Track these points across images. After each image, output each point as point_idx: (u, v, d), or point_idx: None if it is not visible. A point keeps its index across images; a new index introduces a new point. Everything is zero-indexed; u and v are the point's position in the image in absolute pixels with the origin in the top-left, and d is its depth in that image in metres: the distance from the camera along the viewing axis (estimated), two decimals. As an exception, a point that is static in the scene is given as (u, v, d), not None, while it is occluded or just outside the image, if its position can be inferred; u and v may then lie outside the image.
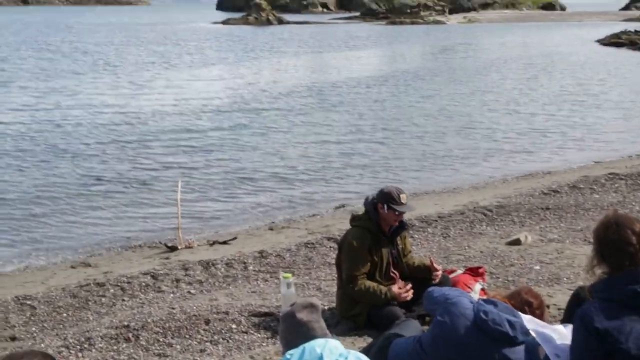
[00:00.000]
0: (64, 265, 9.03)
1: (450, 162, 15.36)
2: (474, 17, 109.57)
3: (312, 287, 7.01)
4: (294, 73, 34.64)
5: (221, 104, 23.58)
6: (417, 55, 47.96)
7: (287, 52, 47.45)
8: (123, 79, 30.17)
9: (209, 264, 8.00)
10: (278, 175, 13.98)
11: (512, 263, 7.39)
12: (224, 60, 40.65)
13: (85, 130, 18.33)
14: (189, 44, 55.69)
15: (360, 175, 14.07)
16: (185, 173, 13.83)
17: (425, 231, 9.25)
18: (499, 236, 8.76)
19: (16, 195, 12.27)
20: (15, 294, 7.32)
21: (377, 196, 5.59)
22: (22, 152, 15.75)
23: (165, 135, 17.85)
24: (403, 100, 24.77)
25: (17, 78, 29.66)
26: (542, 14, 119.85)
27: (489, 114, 21.66)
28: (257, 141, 17.31)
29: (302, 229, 10.16)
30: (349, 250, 5.53)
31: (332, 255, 8.08)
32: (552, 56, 43.41)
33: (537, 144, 17.37)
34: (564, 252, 7.69)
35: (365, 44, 58.69)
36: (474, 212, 10.08)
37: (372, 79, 31.50)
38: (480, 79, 31.70)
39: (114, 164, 14.80)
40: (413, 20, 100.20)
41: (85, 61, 38.53)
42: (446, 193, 12.66)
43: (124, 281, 7.52)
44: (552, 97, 25.60)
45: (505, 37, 63.39)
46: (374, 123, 20.06)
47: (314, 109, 22.67)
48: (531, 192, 11.44)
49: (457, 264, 7.32)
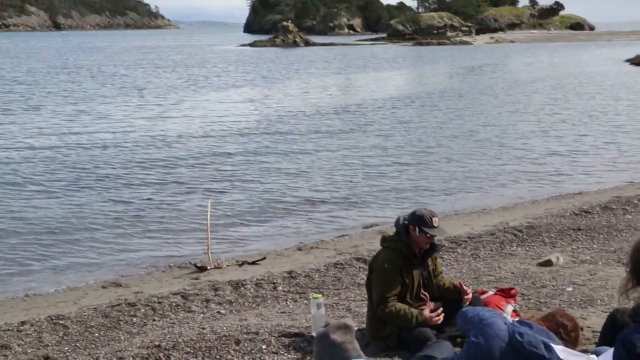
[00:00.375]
0: (95, 285, 9.10)
1: (478, 183, 15.26)
2: (500, 37, 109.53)
3: (342, 308, 6.99)
4: (320, 94, 34.81)
5: (248, 126, 23.75)
6: (444, 75, 47.93)
7: (313, 74, 47.75)
8: (151, 102, 30.58)
9: (238, 284, 8.02)
10: (305, 196, 14.00)
11: (544, 284, 7.29)
12: (250, 82, 41.03)
13: (113, 153, 18.56)
14: (216, 66, 56.35)
15: (388, 196, 14.03)
16: (213, 195, 13.91)
17: (455, 252, 9.18)
18: (530, 257, 8.67)
19: (47, 218, 12.42)
20: (48, 314, 7.40)
21: (409, 218, 5.55)
22: (51, 175, 15.96)
23: (193, 158, 17.99)
24: (430, 121, 24.74)
25: (47, 102, 30.22)
26: (570, 34, 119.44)
27: (517, 135, 21.54)
28: (283, 163, 17.38)
29: (331, 249, 10.15)
30: (380, 271, 5.50)
31: (361, 276, 8.06)
32: (581, 76, 43.11)
33: (567, 164, 17.21)
34: (596, 273, 7.58)
35: (391, 64, 58.85)
36: (504, 233, 9.99)
37: (398, 99, 31.53)
38: (508, 99, 31.56)
39: (142, 186, 14.94)
40: (439, 40, 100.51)
41: (114, 84, 39.18)
42: (475, 213, 12.57)
43: (154, 301, 7.56)
44: (581, 117, 25.40)
45: (533, 57, 63.15)
46: (401, 144, 20.05)
47: (340, 130, 22.73)
48: (562, 213, 11.31)
49: (488, 285, 7.25)
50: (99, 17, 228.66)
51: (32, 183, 15.14)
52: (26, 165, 17.10)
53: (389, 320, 5.51)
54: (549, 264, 8.02)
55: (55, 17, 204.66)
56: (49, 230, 11.69)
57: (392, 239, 5.64)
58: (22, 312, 7.88)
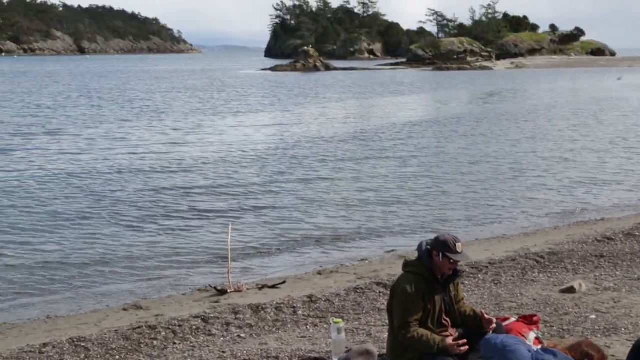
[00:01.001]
0: (116, 307, 9.14)
1: (498, 208, 15.17)
2: (521, 62, 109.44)
3: (362, 333, 6.96)
4: (339, 120, 34.93)
5: (267, 151, 23.86)
6: (463, 100, 47.93)
7: (332, 99, 47.96)
8: (170, 126, 30.82)
9: (258, 308, 8.02)
10: (324, 221, 14.00)
11: (567, 312, 7.22)
12: (270, 107, 41.29)
13: (134, 178, 18.64)
14: (236, 90, 56.80)
15: (408, 222, 13.98)
16: (233, 219, 13.94)
17: (475, 277, 9.13)
18: (552, 284, 8.59)
19: (68, 241, 12.51)
20: (70, 336, 7.44)
21: (433, 243, 5.54)
22: (71, 199, 15.99)
23: (213, 183, 18.05)
24: (449, 147, 24.70)
25: (65, 126, 30.48)
26: (591, 60, 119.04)
27: (538, 161, 21.44)
28: (302, 188, 17.40)
29: (351, 274, 10.13)
30: (402, 296, 5.48)
31: (381, 301, 8.04)
32: (602, 102, 42.90)
33: (589, 190, 17.08)
34: (620, 301, 7.50)
35: (410, 89, 58.98)
36: (526, 259, 9.92)
37: (417, 125, 31.55)
38: (528, 125, 31.48)
39: (162, 209, 15.02)
40: (460, 65, 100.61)
41: (133, 109, 39.54)
42: (496, 239, 12.50)
43: (175, 324, 7.58)
44: (603, 143, 25.24)
45: (553, 83, 63.01)
46: (420, 170, 20.03)
47: (359, 156, 22.76)
48: (584, 239, 11.22)
49: (510, 312, 7.19)
50: (122, 41, 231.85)
51: (52, 207, 15.23)
52: (46, 188, 17.25)
53: (411, 346, 5.47)
54: (571, 291, 7.95)
55: (80, 42, 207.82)
56: (69, 253, 11.77)
57: (415, 263, 5.62)
58: (44, 334, 7.93)
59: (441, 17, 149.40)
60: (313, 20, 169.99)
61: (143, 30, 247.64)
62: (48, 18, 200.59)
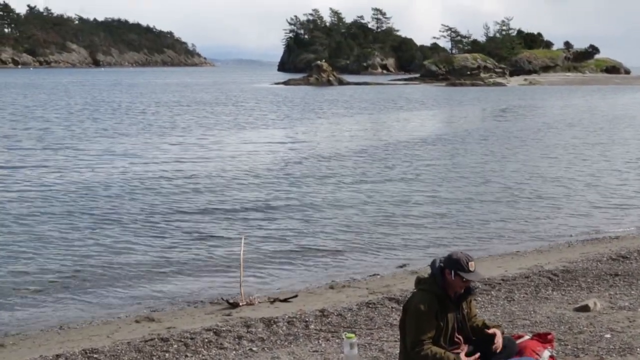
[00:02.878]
0: (128, 319, 9.16)
1: (512, 225, 15.10)
2: (534, 79, 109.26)
3: (375, 348, 6.94)
4: (353, 134, 35.00)
5: (278, 164, 23.91)
6: (476, 117, 47.90)
7: (345, 113, 48.03)
8: (180, 140, 30.91)
9: (270, 322, 8.01)
10: (336, 236, 13.98)
11: (581, 330, 7.16)
12: (281, 121, 41.38)
13: (145, 189, 18.73)
14: (248, 104, 57.02)
15: (420, 237, 13.94)
16: (245, 232, 13.94)
17: (489, 294, 9.08)
18: (566, 302, 8.53)
19: (80, 254, 12.52)
20: (82, 347, 7.47)
21: (445, 262, 5.51)
22: (82, 211, 16.06)
23: (225, 195, 18.10)
24: (463, 164, 24.66)
25: (71, 139, 30.35)
26: (605, 77, 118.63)
27: (551, 178, 21.35)
28: (313, 201, 17.41)
29: (363, 289, 10.11)
30: (415, 314, 5.44)
31: (394, 316, 8.01)
32: (617, 120, 42.75)
33: (603, 209, 16.97)
34: (636, 320, 7.43)
35: (423, 105, 58.99)
36: (539, 276, 9.86)
37: (429, 141, 31.54)
38: (541, 143, 31.38)
39: (175, 222, 15.07)
40: (473, 81, 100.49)
41: (143, 121, 39.60)
42: (509, 255, 12.43)
43: (187, 337, 7.58)
44: (617, 162, 25.12)
45: (567, 100, 62.86)
46: (432, 185, 19.99)
47: (371, 171, 22.77)
48: (598, 258, 11.14)
49: (523, 329, 7.14)
50: (137, 54, 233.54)
51: (67, 218, 15.31)
52: (59, 199, 17.37)
53: (425, 364, 5.43)
54: (586, 309, 7.89)
55: (95, 55, 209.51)
56: (82, 264, 11.81)
57: (427, 281, 5.59)
58: (57, 345, 7.96)
59: (455, 33, 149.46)
60: (326, 34, 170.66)
61: (157, 43, 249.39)
62: (64, 31, 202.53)
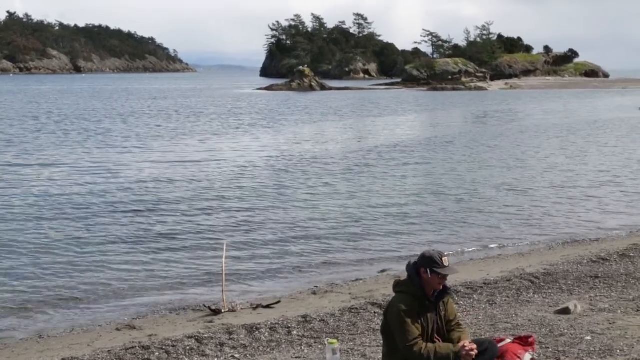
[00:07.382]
0: (109, 327, 9.09)
1: (493, 229, 15.17)
2: (515, 83, 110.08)
3: (357, 354, 6.92)
4: (333, 139, 35.05)
5: (259, 170, 23.89)
6: (458, 121, 48.14)
7: (326, 119, 48.09)
8: (162, 146, 30.84)
9: (253, 328, 7.97)
10: (320, 242, 13.97)
11: (562, 333, 7.20)
12: (263, 126, 41.33)
13: (125, 197, 18.60)
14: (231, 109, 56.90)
15: (401, 241, 13.99)
16: (227, 238, 13.88)
17: (470, 298, 9.10)
18: (547, 304, 8.57)
19: (61, 261, 12.43)
20: (62, 356, 7.39)
21: (419, 261, 5.54)
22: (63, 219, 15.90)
23: (206, 202, 18.02)
24: (444, 167, 24.75)
25: (48, 147, 30.04)
26: (584, 81, 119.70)
27: (532, 182, 21.49)
28: (297, 206, 17.41)
29: (346, 294, 10.10)
30: (397, 317, 5.43)
31: (376, 321, 8.00)
32: (595, 124, 43.18)
33: (583, 211, 17.11)
34: (615, 322, 7.48)
35: (405, 109, 59.21)
36: (521, 279, 9.90)
37: (409, 145, 31.65)
38: (522, 146, 31.60)
39: (156, 228, 14.99)
40: (454, 86, 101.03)
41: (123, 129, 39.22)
42: (491, 259, 12.49)
43: (168, 344, 7.52)
44: (596, 164, 25.34)
45: (547, 104, 63.34)
46: (413, 189, 20.07)
47: (352, 176, 22.80)
48: (579, 260, 11.21)
49: (505, 333, 7.16)
50: (118, 60, 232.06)
51: (45, 229, 15.05)
52: (38, 209, 17.15)
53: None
54: (566, 312, 7.93)
55: (76, 61, 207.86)
56: (61, 274, 11.70)
57: (405, 283, 5.60)
58: (36, 354, 7.87)
59: (436, 37, 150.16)
60: (309, 40, 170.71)
61: (139, 49, 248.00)
62: (44, 37, 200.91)
